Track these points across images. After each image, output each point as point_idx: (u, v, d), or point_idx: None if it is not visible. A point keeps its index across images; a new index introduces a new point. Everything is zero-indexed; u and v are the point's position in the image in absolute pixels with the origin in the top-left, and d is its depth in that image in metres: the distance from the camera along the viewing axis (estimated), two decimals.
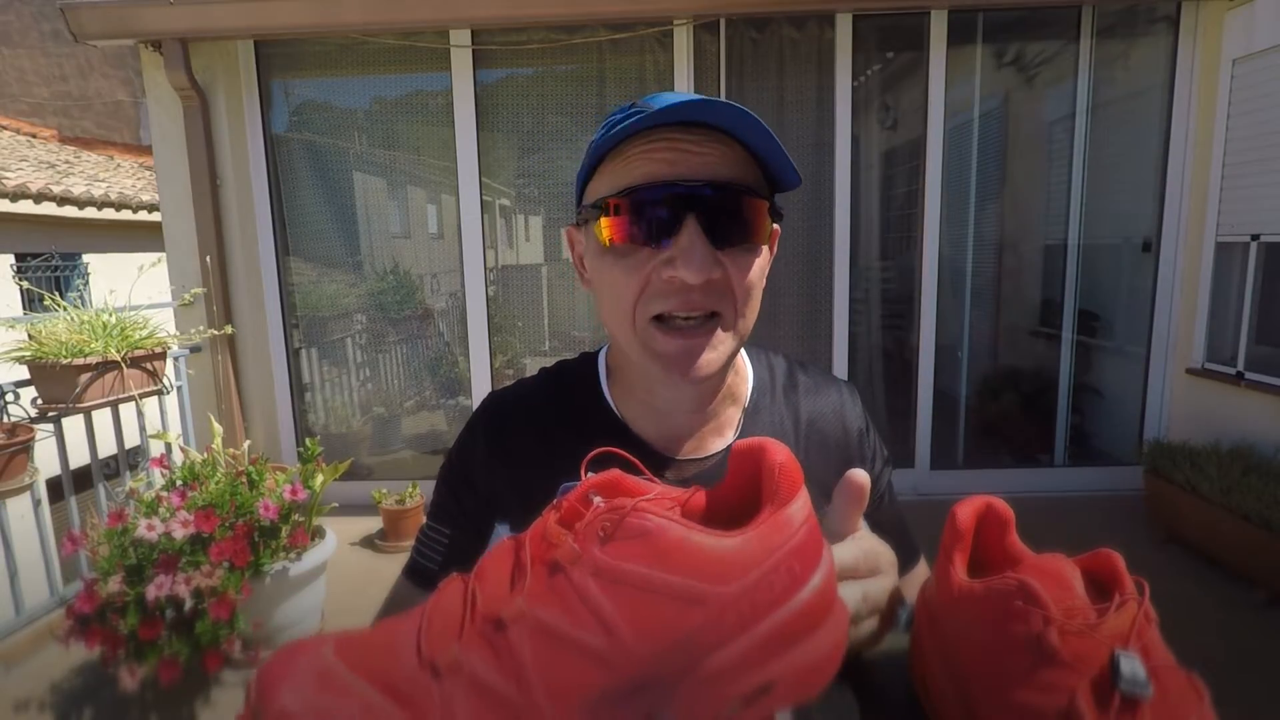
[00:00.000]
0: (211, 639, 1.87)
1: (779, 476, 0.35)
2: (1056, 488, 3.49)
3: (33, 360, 2.27)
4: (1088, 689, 0.33)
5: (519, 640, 0.31)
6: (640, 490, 0.36)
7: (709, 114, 0.52)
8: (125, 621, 1.81)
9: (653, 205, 0.54)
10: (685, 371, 0.56)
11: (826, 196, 3.36)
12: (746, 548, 0.33)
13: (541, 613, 0.31)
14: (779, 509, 0.34)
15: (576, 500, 0.36)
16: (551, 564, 0.33)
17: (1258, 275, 2.99)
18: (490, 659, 0.31)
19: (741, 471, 0.38)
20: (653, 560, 0.32)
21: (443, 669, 0.31)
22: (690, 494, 0.38)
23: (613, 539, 0.32)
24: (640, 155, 0.55)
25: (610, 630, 0.31)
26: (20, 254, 6.29)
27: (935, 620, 0.42)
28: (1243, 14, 2.98)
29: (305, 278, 3.61)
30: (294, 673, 0.31)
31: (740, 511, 0.38)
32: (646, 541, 0.32)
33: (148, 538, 1.89)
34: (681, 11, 3.12)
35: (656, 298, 0.56)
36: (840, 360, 3.47)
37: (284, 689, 0.30)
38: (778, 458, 0.35)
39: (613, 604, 0.31)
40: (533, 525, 0.36)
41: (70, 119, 9.16)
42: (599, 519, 0.33)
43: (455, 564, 0.66)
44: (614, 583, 0.31)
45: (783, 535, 0.33)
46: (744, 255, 0.56)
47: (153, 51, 3.18)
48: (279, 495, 2.11)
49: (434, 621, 0.33)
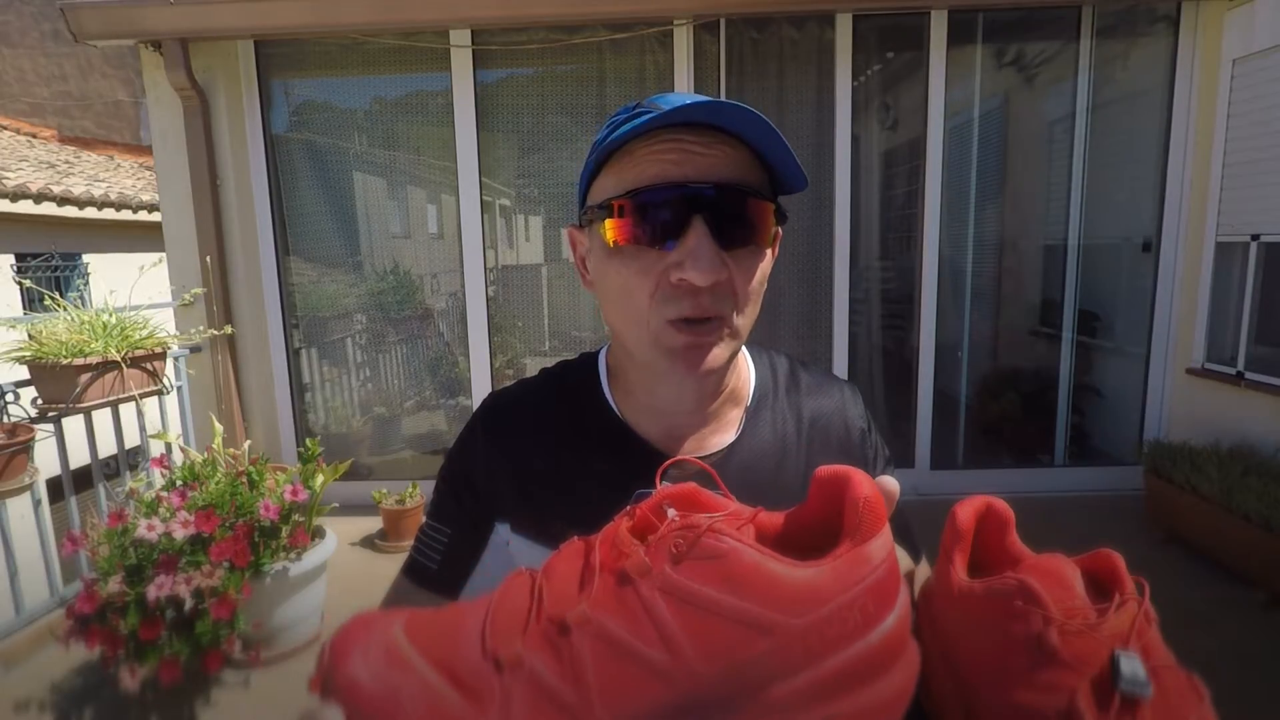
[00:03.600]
0: (212, 639, 1.87)
1: (863, 510, 0.34)
2: (1056, 488, 3.49)
3: (33, 360, 2.27)
4: (1088, 689, 0.33)
5: (581, 645, 0.31)
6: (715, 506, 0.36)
7: (718, 116, 0.52)
8: (125, 622, 1.81)
9: (659, 206, 0.54)
10: (693, 366, 0.57)
11: (826, 196, 3.35)
12: (821, 580, 0.32)
13: (606, 621, 0.32)
14: (859, 544, 0.33)
15: (650, 510, 0.35)
16: (621, 574, 0.33)
17: (1258, 275, 2.98)
18: (552, 660, 0.31)
19: (823, 497, 0.37)
20: (723, 584, 0.32)
21: (505, 664, 0.31)
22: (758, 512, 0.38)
23: (685, 558, 0.32)
24: (647, 156, 0.54)
25: (673, 648, 0.31)
26: (20, 254, 6.29)
27: (935, 620, 0.42)
28: (1243, 14, 2.98)
29: (305, 278, 3.60)
30: (365, 645, 0.32)
31: (817, 537, 0.37)
32: (719, 564, 0.32)
33: (148, 538, 1.89)
34: (681, 11, 3.12)
35: (669, 302, 0.55)
36: (840, 360, 3.47)
37: (354, 659, 0.31)
38: (863, 491, 0.34)
39: (679, 622, 0.31)
40: (605, 529, 0.36)
41: (70, 119, 9.16)
42: (673, 536, 0.33)
43: (454, 563, 0.67)
44: (682, 602, 0.31)
45: (861, 572, 0.33)
46: (749, 257, 0.56)
47: (153, 51, 3.18)
48: (279, 495, 2.11)
49: (500, 614, 0.33)
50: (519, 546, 0.64)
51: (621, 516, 0.36)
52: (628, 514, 0.36)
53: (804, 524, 0.38)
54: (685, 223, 0.53)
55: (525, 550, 0.63)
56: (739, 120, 0.52)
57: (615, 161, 0.57)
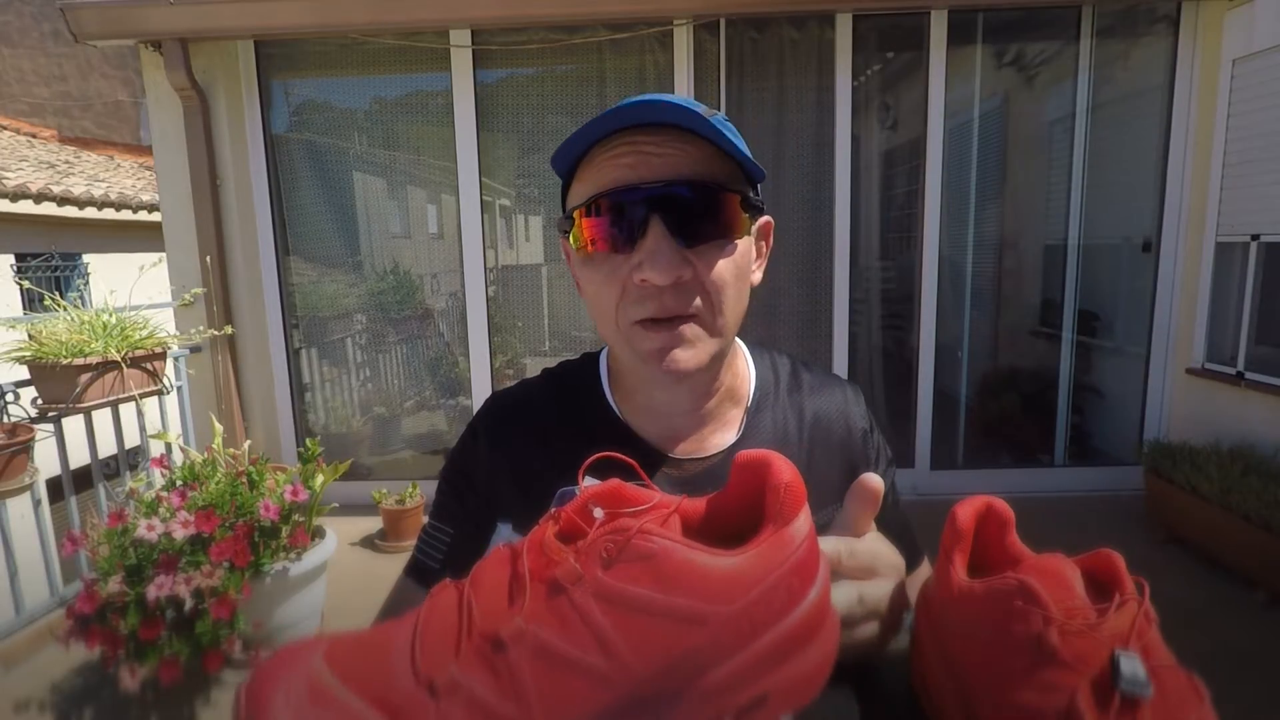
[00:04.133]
0: (212, 639, 1.87)
1: (784, 495, 0.34)
2: (1056, 488, 3.49)
3: (33, 360, 2.27)
4: (1088, 689, 0.33)
5: (519, 661, 0.31)
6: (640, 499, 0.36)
7: (654, 114, 0.53)
8: (125, 622, 1.81)
9: (617, 210, 0.55)
10: (668, 368, 0.57)
11: (826, 196, 3.35)
12: (748, 566, 0.33)
13: (542, 633, 0.31)
14: (781, 528, 0.34)
15: (575, 512, 0.35)
16: (552, 583, 0.32)
17: (1258, 275, 2.98)
18: (490, 680, 0.30)
19: (744, 482, 0.38)
20: (656, 583, 0.32)
21: (440, 688, 0.30)
22: (681, 500, 0.38)
23: (616, 561, 0.32)
24: (605, 162, 0.55)
25: (611, 651, 0.31)
26: (20, 254, 6.29)
27: (935, 620, 0.42)
28: (1243, 14, 2.98)
29: (305, 278, 3.60)
30: (286, 683, 0.30)
31: (740, 520, 0.38)
32: (650, 564, 0.32)
33: (148, 538, 1.89)
34: (681, 11, 3.12)
35: (634, 304, 0.56)
36: (840, 360, 3.47)
37: (275, 701, 0.29)
38: (783, 477, 0.35)
39: (614, 626, 0.31)
40: (530, 534, 0.35)
41: (70, 119, 9.16)
42: (602, 540, 0.33)
43: (457, 563, 0.67)
44: (616, 605, 0.31)
45: (784, 553, 0.33)
46: (714, 251, 0.56)
47: (153, 51, 3.18)
48: (279, 495, 2.11)
49: (429, 634, 0.32)
50: None
51: (546, 520, 0.36)
52: (553, 517, 0.36)
53: (725, 508, 0.39)
54: (644, 223, 0.54)
55: None
56: (680, 116, 0.52)
57: (581, 171, 0.58)
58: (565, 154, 0.57)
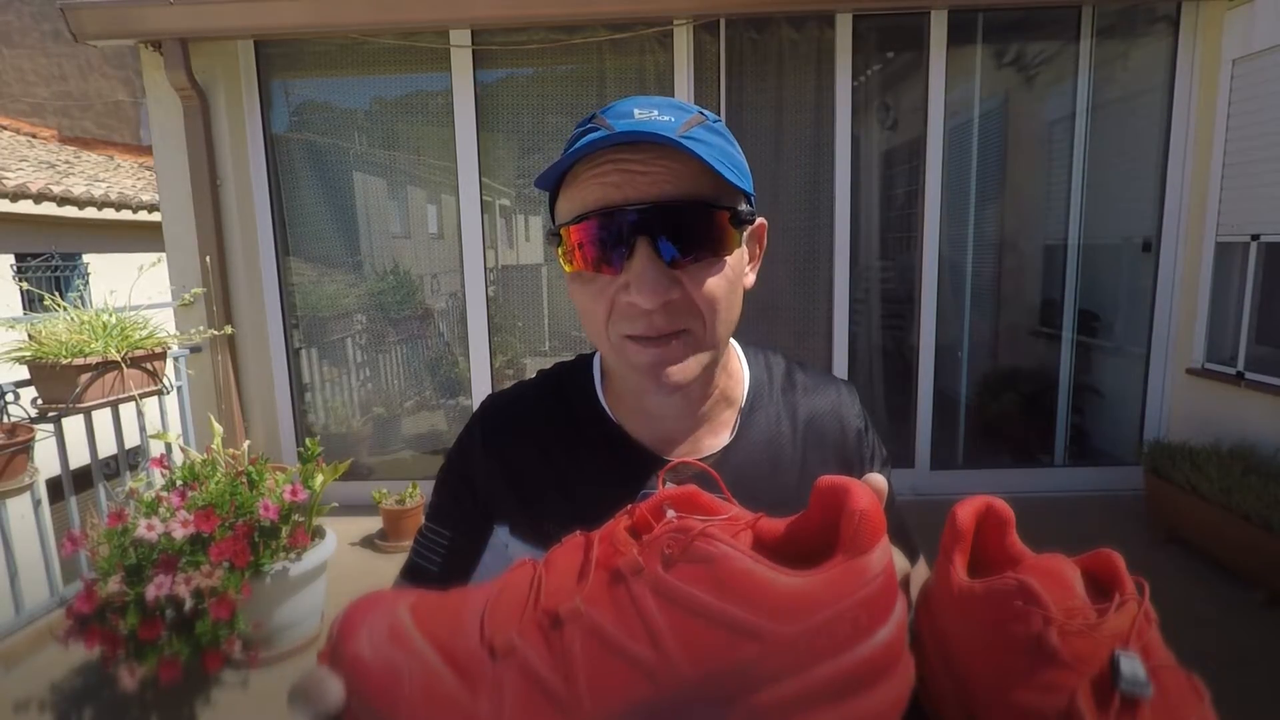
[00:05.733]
0: (211, 639, 1.87)
1: (859, 524, 0.34)
2: (1056, 488, 3.49)
3: (33, 360, 2.27)
4: (1088, 689, 0.33)
5: (572, 639, 0.32)
6: (716, 509, 0.36)
7: (632, 138, 0.51)
8: (125, 621, 1.81)
9: (602, 231, 0.53)
10: (659, 380, 0.56)
11: (826, 196, 3.35)
12: (812, 589, 0.32)
13: (597, 617, 0.32)
14: (853, 557, 0.33)
15: (649, 510, 0.36)
16: (614, 571, 0.33)
17: (1258, 275, 2.98)
18: (543, 652, 0.32)
19: (825, 507, 0.37)
20: (713, 587, 0.32)
21: (499, 651, 0.32)
22: (759, 517, 0.38)
23: (677, 560, 0.33)
24: (590, 180, 0.54)
25: (661, 648, 0.31)
26: (20, 254, 6.28)
27: (935, 620, 0.42)
28: (1243, 14, 2.98)
29: (305, 278, 3.60)
30: (372, 622, 0.33)
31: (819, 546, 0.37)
32: (710, 568, 0.32)
33: (148, 538, 1.89)
34: (681, 11, 3.12)
35: (622, 320, 0.56)
36: (840, 360, 3.47)
37: (361, 634, 0.32)
38: (859, 504, 0.34)
39: (667, 623, 0.32)
40: (606, 525, 0.37)
41: (70, 119, 9.16)
42: (666, 537, 0.33)
43: (454, 565, 0.66)
44: (672, 603, 0.32)
45: (854, 584, 0.33)
46: (704, 269, 0.55)
47: (153, 51, 3.18)
48: (279, 495, 2.11)
49: (500, 602, 0.35)
50: (517, 549, 0.64)
51: (622, 514, 0.37)
52: (628, 512, 0.37)
53: (806, 533, 0.38)
54: (630, 245, 0.53)
55: (523, 553, 0.63)
56: (660, 137, 0.51)
57: (566, 186, 0.57)
58: (548, 176, 0.55)
